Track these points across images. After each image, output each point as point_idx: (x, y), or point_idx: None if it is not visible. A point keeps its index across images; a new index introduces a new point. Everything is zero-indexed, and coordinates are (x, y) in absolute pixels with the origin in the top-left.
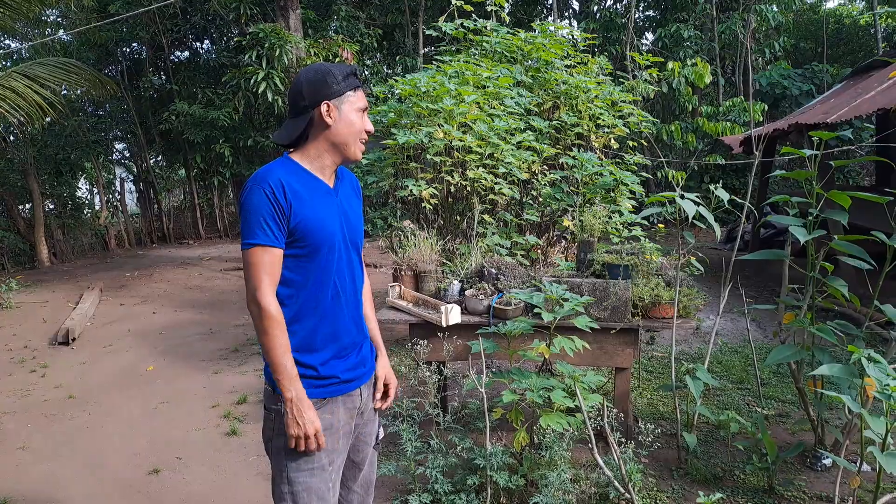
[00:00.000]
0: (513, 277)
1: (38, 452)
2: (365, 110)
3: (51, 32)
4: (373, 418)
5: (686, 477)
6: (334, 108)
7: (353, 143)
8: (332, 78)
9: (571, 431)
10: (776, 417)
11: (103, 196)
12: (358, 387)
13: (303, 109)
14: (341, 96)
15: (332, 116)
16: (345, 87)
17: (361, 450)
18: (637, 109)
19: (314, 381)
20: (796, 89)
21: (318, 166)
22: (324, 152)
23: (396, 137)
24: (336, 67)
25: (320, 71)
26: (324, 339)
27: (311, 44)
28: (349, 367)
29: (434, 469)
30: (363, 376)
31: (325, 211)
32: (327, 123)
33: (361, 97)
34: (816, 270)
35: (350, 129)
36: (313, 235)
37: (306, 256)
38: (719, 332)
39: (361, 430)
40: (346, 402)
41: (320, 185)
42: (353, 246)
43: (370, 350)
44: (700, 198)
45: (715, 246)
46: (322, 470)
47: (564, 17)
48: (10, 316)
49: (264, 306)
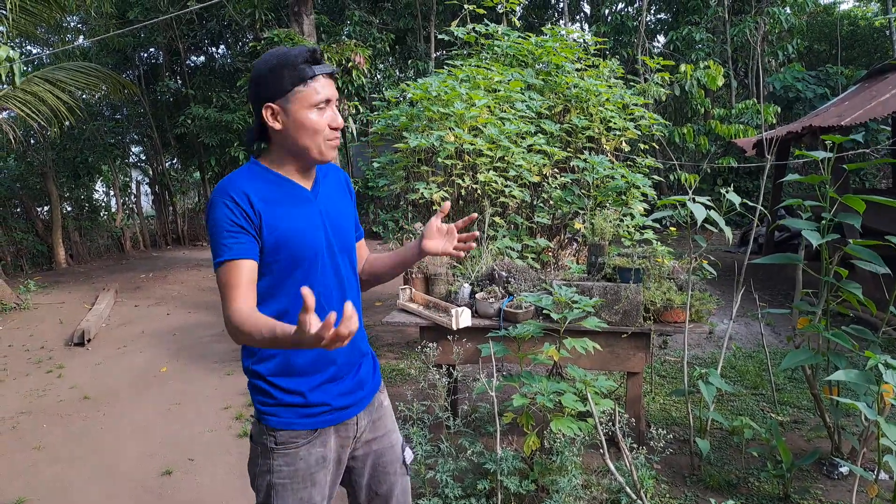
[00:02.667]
0: (523, 280)
1: (52, 452)
2: (327, 102)
3: (71, 38)
4: (390, 445)
5: (699, 483)
6: (280, 110)
7: (314, 145)
8: (276, 73)
9: (583, 436)
10: (791, 424)
11: (119, 198)
12: (355, 414)
13: (254, 109)
14: (286, 94)
15: (278, 120)
16: (291, 82)
17: (385, 481)
18: (649, 112)
19: (302, 410)
20: (810, 92)
21: (286, 170)
22: (284, 157)
23: (408, 141)
24: (287, 56)
25: (267, 63)
26: (312, 360)
27: (324, 48)
28: (344, 391)
29: (444, 473)
30: (361, 401)
31: (302, 219)
32: (275, 128)
33: (319, 89)
34: (831, 275)
35: (303, 131)
36: (289, 247)
37: (283, 272)
38: (733, 337)
39: (378, 460)
40: (340, 431)
41: (294, 190)
42: (340, 252)
43: (372, 368)
44: (712, 201)
45: (729, 249)
46: None
47: (575, 21)
48: (28, 316)
49: (239, 324)
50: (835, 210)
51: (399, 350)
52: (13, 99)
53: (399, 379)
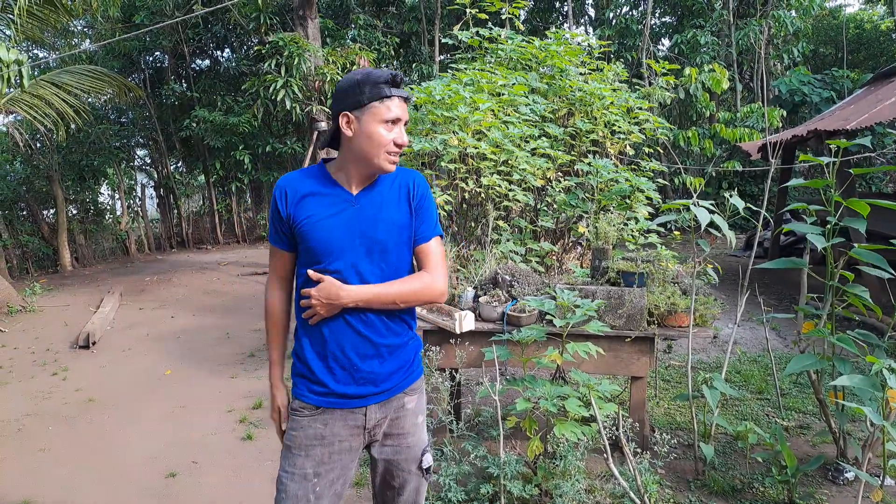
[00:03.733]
0: (527, 284)
1: (58, 454)
2: (396, 122)
3: (77, 42)
4: (408, 445)
5: (703, 489)
6: (354, 119)
7: (377, 156)
8: (358, 88)
9: (586, 441)
10: (796, 429)
11: (124, 202)
12: (363, 405)
13: (333, 117)
14: (363, 107)
15: (350, 128)
16: (369, 98)
17: (398, 476)
18: (653, 116)
19: (309, 384)
20: (816, 95)
21: (344, 174)
22: (348, 162)
23: (411, 145)
24: (370, 76)
25: (351, 79)
26: (321, 344)
27: (329, 52)
28: (348, 381)
29: (447, 477)
30: (372, 396)
31: (331, 220)
32: (347, 135)
33: (392, 107)
34: (836, 279)
35: (369, 142)
36: (313, 242)
37: (310, 261)
38: (738, 341)
39: (394, 457)
40: (348, 420)
41: (337, 193)
42: (371, 255)
43: (396, 370)
44: (716, 205)
45: (734, 253)
46: (303, 479)
47: (580, 25)
48: (34, 319)
49: (265, 299)
50: (840, 214)
51: None
52: (20, 102)
53: None
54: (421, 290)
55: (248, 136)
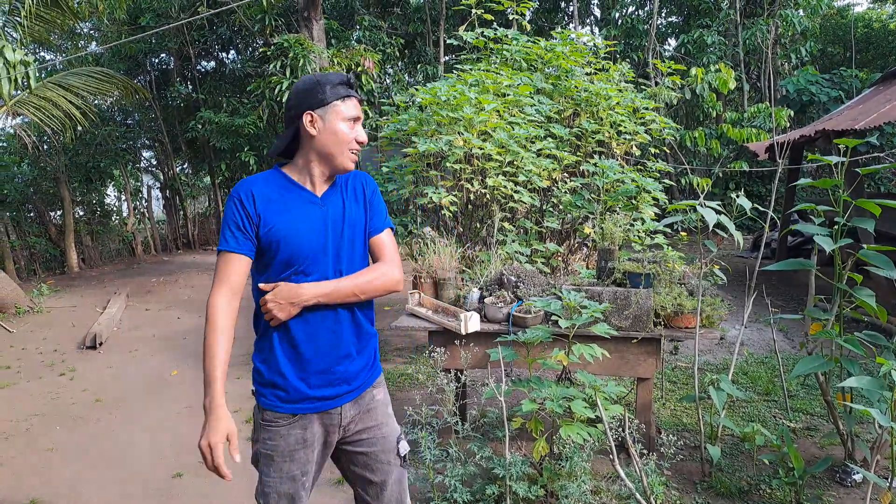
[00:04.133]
0: (533, 285)
1: (65, 454)
2: (356, 120)
3: (83, 44)
4: (383, 436)
5: (710, 490)
6: (318, 118)
7: (340, 154)
8: (318, 88)
9: (592, 442)
10: (804, 430)
11: (131, 203)
12: (338, 405)
13: (291, 120)
14: (326, 106)
15: (315, 126)
16: (331, 97)
17: (378, 469)
18: (659, 116)
19: (282, 395)
20: (824, 95)
21: (306, 176)
22: (310, 162)
23: (417, 145)
24: (327, 77)
25: (309, 81)
26: (301, 357)
27: (334, 53)
28: (323, 384)
29: (453, 478)
30: (346, 395)
31: (302, 223)
32: (311, 134)
33: (352, 107)
34: (844, 280)
35: (334, 138)
36: (283, 246)
37: (278, 267)
38: (745, 343)
39: (370, 449)
40: (324, 419)
41: (303, 195)
42: (342, 255)
43: (363, 368)
44: (723, 205)
45: (741, 254)
46: (291, 480)
47: (586, 25)
48: (41, 320)
49: (210, 308)
50: (848, 214)
51: (408, 354)
52: (28, 104)
53: (408, 383)
54: (378, 279)
55: (254, 137)
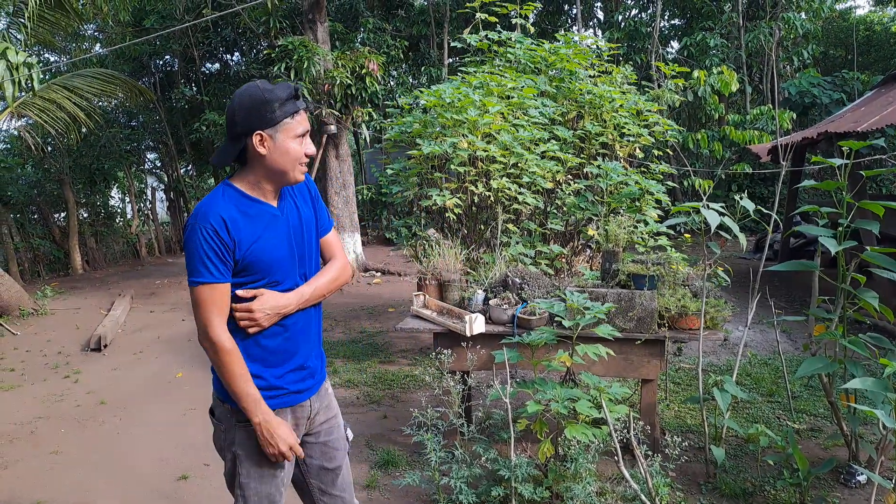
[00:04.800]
0: (537, 287)
1: (70, 457)
2: (305, 134)
3: (88, 46)
4: (337, 424)
5: (714, 492)
6: (268, 137)
7: (292, 170)
8: (266, 106)
9: (597, 443)
10: (808, 432)
11: (135, 205)
12: (308, 398)
13: (237, 136)
14: (276, 125)
15: (265, 146)
16: (280, 115)
17: (334, 457)
18: (662, 118)
19: (263, 392)
20: (826, 97)
21: (259, 191)
22: (262, 178)
23: (421, 148)
24: (273, 92)
25: (256, 97)
26: (280, 357)
27: (338, 55)
28: (298, 378)
29: (458, 480)
30: (313, 388)
31: (272, 238)
32: (261, 153)
33: (301, 122)
34: (848, 282)
35: (285, 157)
36: (260, 265)
37: (254, 283)
38: (748, 344)
39: (328, 438)
40: (296, 412)
41: (263, 209)
42: (306, 258)
43: (321, 361)
44: (726, 207)
45: (743, 256)
46: (273, 477)
47: (589, 27)
48: (46, 322)
49: (218, 342)
50: (852, 216)
51: (412, 356)
52: (32, 106)
53: (413, 385)
54: (341, 277)
55: None
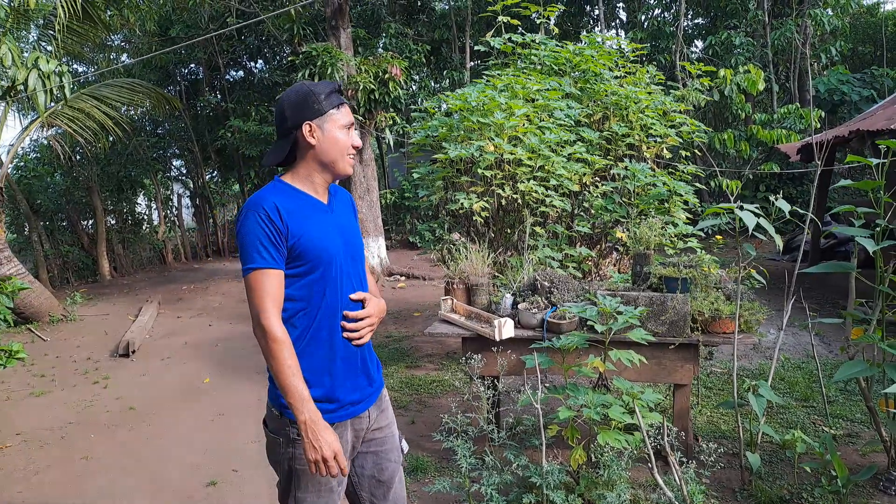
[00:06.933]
0: (566, 290)
1: (100, 463)
2: (350, 126)
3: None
4: (392, 434)
5: (750, 499)
6: (317, 127)
7: (341, 160)
8: (312, 98)
9: (630, 450)
10: (845, 437)
11: (161, 211)
12: (366, 408)
13: (287, 131)
14: (323, 115)
15: (315, 136)
16: (327, 106)
17: (387, 468)
18: (689, 118)
19: (321, 406)
20: (856, 95)
21: (310, 185)
22: (313, 171)
23: (447, 151)
24: (318, 86)
25: (301, 92)
26: (330, 357)
27: (361, 61)
28: (357, 387)
29: (489, 486)
30: (371, 396)
31: (322, 228)
32: (311, 144)
33: (345, 114)
34: (886, 283)
35: (335, 146)
36: (312, 253)
37: (307, 274)
38: (781, 348)
39: (380, 448)
40: (355, 424)
41: (315, 203)
42: (354, 261)
43: (377, 367)
44: (759, 208)
45: (772, 257)
46: (330, 492)
47: (611, 28)
48: (75, 328)
49: (270, 330)
50: (889, 216)
51: (439, 361)
52: (62, 116)
53: (440, 390)
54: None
55: None
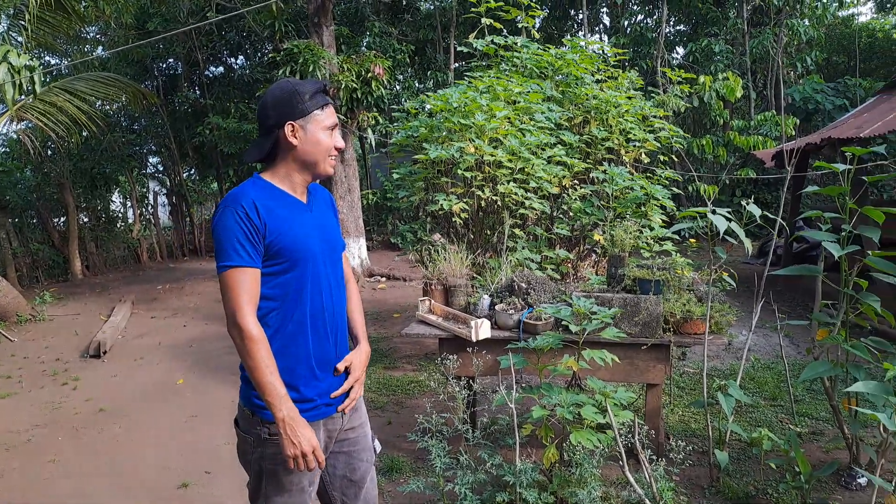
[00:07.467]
0: (543, 292)
1: (68, 465)
2: (334, 128)
3: (90, 49)
4: (364, 434)
5: (718, 495)
6: (299, 128)
7: (322, 162)
8: (297, 97)
9: (602, 448)
10: (810, 435)
11: (136, 209)
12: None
13: (269, 129)
14: (307, 116)
15: (297, 137)
16: (311, 107)
17: (358, 468)
18: (668, 124)
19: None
20: (829, 103)
21: (289, 184)
22: (293, 171)
23: (428, 152)
24: (304, 85)
25: (286, 90)
26: (304, 355)
27: (343, 59)
28: (331, 390)
29: (463, 486)
30: (344, 396)
31: (300, 227)
32: (292, 144)
33: (330, 115)
34: (850, 286)
35: (317, 148)
36: (290, 251)
37: (284, 273)
38: (751, 348)
39: (353, 448)
40: (328, 424)
41: (293, 202)
42: (332, 261)
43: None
44: (732, 212)
45: (746, 261)
46: (301, 492)
47: (595, 32)
48: (44, 328)
49: (246, 329)
50: (854, 221)
51: (417, 362)
52: (33, 109)
53: (417, 391)
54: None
55: None
